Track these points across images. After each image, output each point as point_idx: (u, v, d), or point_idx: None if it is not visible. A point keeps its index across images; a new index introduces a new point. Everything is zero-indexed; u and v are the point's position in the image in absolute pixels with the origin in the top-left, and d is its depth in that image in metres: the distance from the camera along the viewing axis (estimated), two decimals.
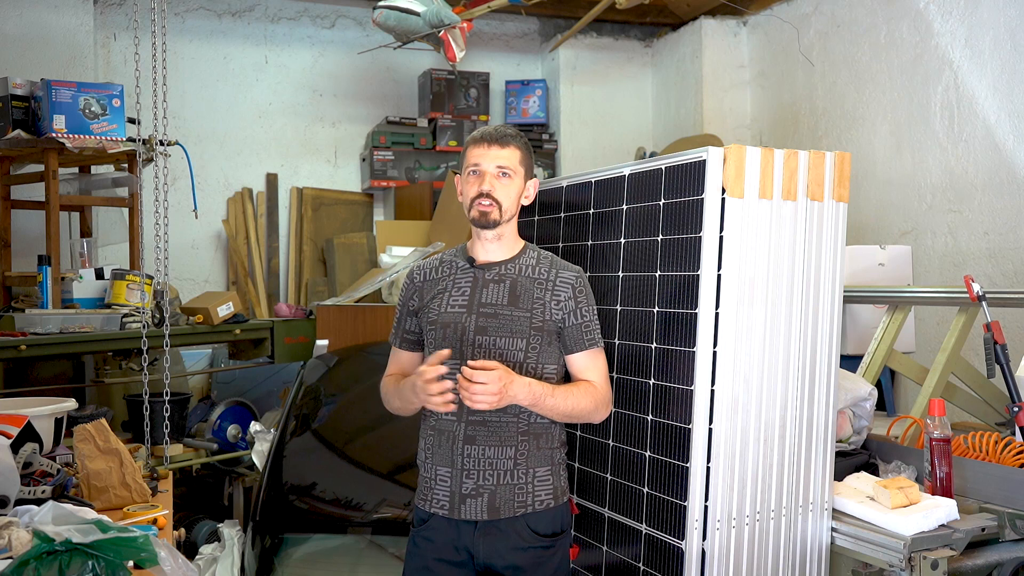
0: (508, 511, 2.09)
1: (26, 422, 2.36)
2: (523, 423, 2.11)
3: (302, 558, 3.12)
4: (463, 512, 2.09)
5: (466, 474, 2.09)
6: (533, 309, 2.12)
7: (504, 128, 2.18)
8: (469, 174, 2.16)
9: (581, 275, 2.19)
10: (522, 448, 2.10)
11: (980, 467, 2.38)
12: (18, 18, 4.86)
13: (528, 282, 2.14)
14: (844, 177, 2.23)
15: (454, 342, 2.11)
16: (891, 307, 3.10)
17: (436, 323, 2.15)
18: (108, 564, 1.56)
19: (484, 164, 2.13)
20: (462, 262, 2.21)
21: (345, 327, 4.14)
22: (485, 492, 2.08)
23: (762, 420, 2.13)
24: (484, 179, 2.13)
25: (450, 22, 4.60)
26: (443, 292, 2.18)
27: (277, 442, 3.43)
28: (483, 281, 2.16)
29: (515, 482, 2.10)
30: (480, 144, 2.15)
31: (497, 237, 2.17)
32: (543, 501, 2.12)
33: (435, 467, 2.14)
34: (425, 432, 2.19)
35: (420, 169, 5.82)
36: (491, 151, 2.13)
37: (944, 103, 4.44)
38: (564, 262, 2.21)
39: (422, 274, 2.26)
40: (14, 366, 3.85)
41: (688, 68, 6.00)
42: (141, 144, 3.68)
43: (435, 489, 2.13)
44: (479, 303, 2.13)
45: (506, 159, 2.13)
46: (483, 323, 2.11)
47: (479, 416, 2.08)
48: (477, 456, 2.09)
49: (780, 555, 2.16)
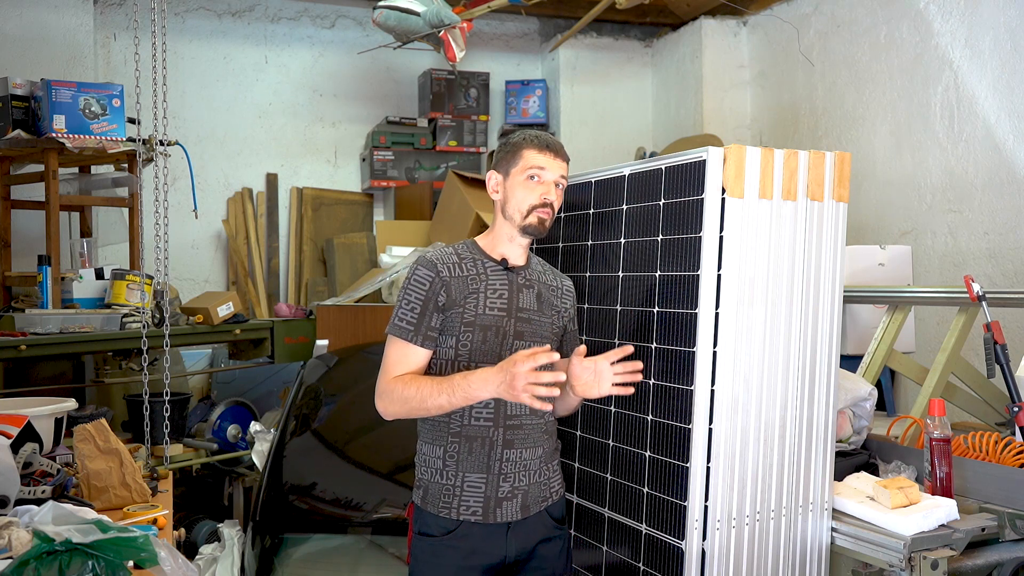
0: (536, 507, 2.13)
1: (26, 422, 2.36)
2: (546, 423, 2.16)
3: (302, 558, 3.12)
4: (498, 516, 2.08)
5: (503, 478, 2.08)
6: (553, 315, 2.18)
7: (556, 139, 2.19)
8: (528, 178, 2.10)
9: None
10: (546, 447, 2.16)
11: (980, 467, 2.38)
12: (18, 18, 4.86)
13: (547, 289, 2.19)
14: (844, 177, 2.23)
15: (494, 345, 2.07)
16: (891, 307, 3.10)
17: (474, 324, 2.06)
18: (108, 564, 1.56)
19: (550, 172, 2.11)
20: (488, 262, 2.13)
21: (345, 327, 4.15)
22: (519, 493, 2.10)
23: (762, 420, 2.13)
24: (548, 188, 2.10)
25: (450, 22, 4.60)
26: (477, 292, 2.08)
27: (277, 442, 3.43)
28: (517, 285, 2.13)
29: (542, 479, 2.14)
30: (545, 152, 2.11)
31: (528, 245, 2.19)
32: (557, 491, 2.19)
33: (463, 474, 2.07)
34: (446, 439, 2.09)
35: (420, 169, 5.82)
36: (556, 161, 2.11)
37: (944, 103, 4.44)
38: (555, 270, 2.29)
39: (447, 268, 2.08)
40: (14, 366, 3.85)
41: (688, 68, 6.00)
42: (141, 144, 3.68)
43: (463, 496, 2.07)
44: (517, 307, 2.11)
45: (565, 170, 2.15)
46: (521, 328, 2.11)
47: (516, 420, 2.09)
48: (515, 459, 2.09)
49: (780, 555, 2.16)
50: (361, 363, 3.92)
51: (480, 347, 2.06)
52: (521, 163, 2.11)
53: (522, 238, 2.13)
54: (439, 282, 2.06)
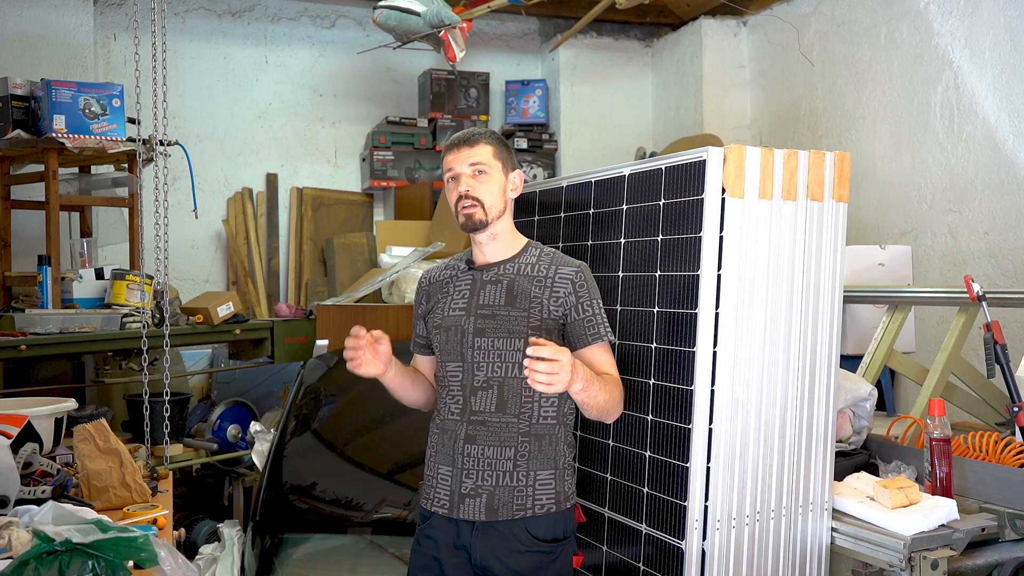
0: (506, 513, 2.07)
1: (26, 422, 2.36)
2: (524, 424, 2.09)
3: (302, 558, 3.12)
4: (462, 512, 2.10)
5: (465, 473, 2.10)
6: (531, 308, 2.10)
7: (471, 129, 2.20)
8: (448, 182, 2.18)
9: (583, 270, 2.15)
10: (522, 449, 2.09)
11: (980, 467, 2.38)
12: (18, 18, 4.86)
13: (526, 281, 2.13)
14: (844, 177, 2.23)
15: (455, 345, 2.13)
16: (891, 307, 3.10)
17: (439, 327, 2.18)
18: (108, 564, 1.56)
19: (457, 167, 2.14)
20: (463, 265, 2.23)
21: (345, 327, 4.09)
22: (484, 493, 2.08)
23: (762, 420, 2.13)
24: (460, 181, 2.13)
25: (450, 22, 4.60)
26: (446, 296, 2.20)
27: (277, 442, 3.43)
28: (481, 283, 2.17)
29: (514, 484, 2.08)
30: (450, 150, 2.17)
31: (491, 237, 2.17)
32: (543, 505, 2.09)
33: (437, 466, 2.16)
34: (431, 431, 2.21)
35: (420, 169, 5.82)
36: (461, 153, 2.14)
37: (944, 103, 4.44)
38: (566, 258, 2.18)
39: (428, 279, 2.30)
40: (14, 366, 3.85)
41: (688, 68, 6.00)
42: (141, 144, 3.68)
43: (437, 488, 2.15)
44: (477, 305, 2.14)
45: (477, 156, 2.13)
46: (481, 324, 2.11)
47: (480, 416, 2.10)
48: (476, 456, 2.09)
49: (780, 555, 2.16)
50: None
51: (444, 347, 2.16)
52: (443, 172, 2.20)
53: (479, 235, 2.16)
54: (421, 292, 2.30)
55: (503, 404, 2.09)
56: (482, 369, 2.10)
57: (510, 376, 2.09)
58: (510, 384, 2.09)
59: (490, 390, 2.10)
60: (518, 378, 2.08)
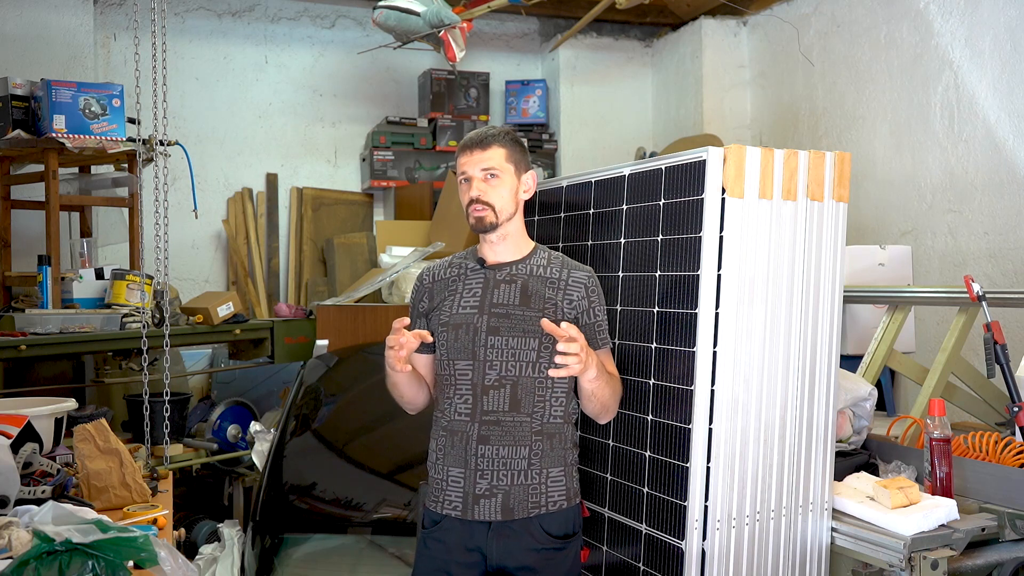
0: (522, 512, 2.09)
1: (26, 422, 2.36)
2: (536, 423, 2.11)
3: (302, 558, 3.12)
4: (477, 513, 2.09)
5: (480, 474, 2.09)
6: (545, 309, 2.12)
7: (486, 129, 2.18)
8: (461, 182, 2.19)
9: (593, 275, 2.20)
10: (536, 448, 2.11)
11: (980, 467, 2.38)
12: (18, 18, 4.86)
13: (539, 282, 2.15)
14: (844, 177, 2.23)
15: (467, 343, 2.12)
16: (891, 307, 3.10)
17: (448, 324, 2.15)
18: (108, 564, 1.56)
19: (470, 170, 2.15)
20: (472, 263, 2.22)
21: (345, 327, 4.14)
22: (499, 492, 2.09)
23: (762, 420, 2.13)
24: (472, 185, 2.14)
25: (450, 22, 4.60)
26: (454, 293, 2.18)
27: (277, 442, 3.44)
28: (494, 281, 2.16)
29: (529, 482, 2.10)
30: (464, 152, 2.17)
31: (502, 238, 2.18)
32: (556, 502, 2.13)
33: (447, 468, 2.13)
34: (436, 433, 2.18)
35: (420, 169, 5.82)
36: (474, 156, 2.15)
37: (944, 103, 4.44)
38: (575, 263, 2.23)
39: (431, 276, 2.26)
40: (14, 366, 3.85)
41: (688, 68, 6.00)
42: (141, 144, 3.68)
43: (447, 491, 2.13)
44: (491, 303, 2.13)
45: (489, 160, 2.14)
46: (495, 323, 2.11)
47: (493, 416, 2.09)
48: (491, 456, 2.09)
49: (780, 555, 2.16)
50: (361, 363, 3.93)
51: (454, 344, 2.13)
52: (457, 171, 2.20)
53: (490, 236, 2.17)
54: (423, 290, 2.25)
55: (516, 403, 2.10)
56: (495, 367, 2.10)
57: (523, 375, 2.10)
58: (523, 383, 2.10)
59: (502, 389, 2.10)
60: (531, 377, 2.10)
